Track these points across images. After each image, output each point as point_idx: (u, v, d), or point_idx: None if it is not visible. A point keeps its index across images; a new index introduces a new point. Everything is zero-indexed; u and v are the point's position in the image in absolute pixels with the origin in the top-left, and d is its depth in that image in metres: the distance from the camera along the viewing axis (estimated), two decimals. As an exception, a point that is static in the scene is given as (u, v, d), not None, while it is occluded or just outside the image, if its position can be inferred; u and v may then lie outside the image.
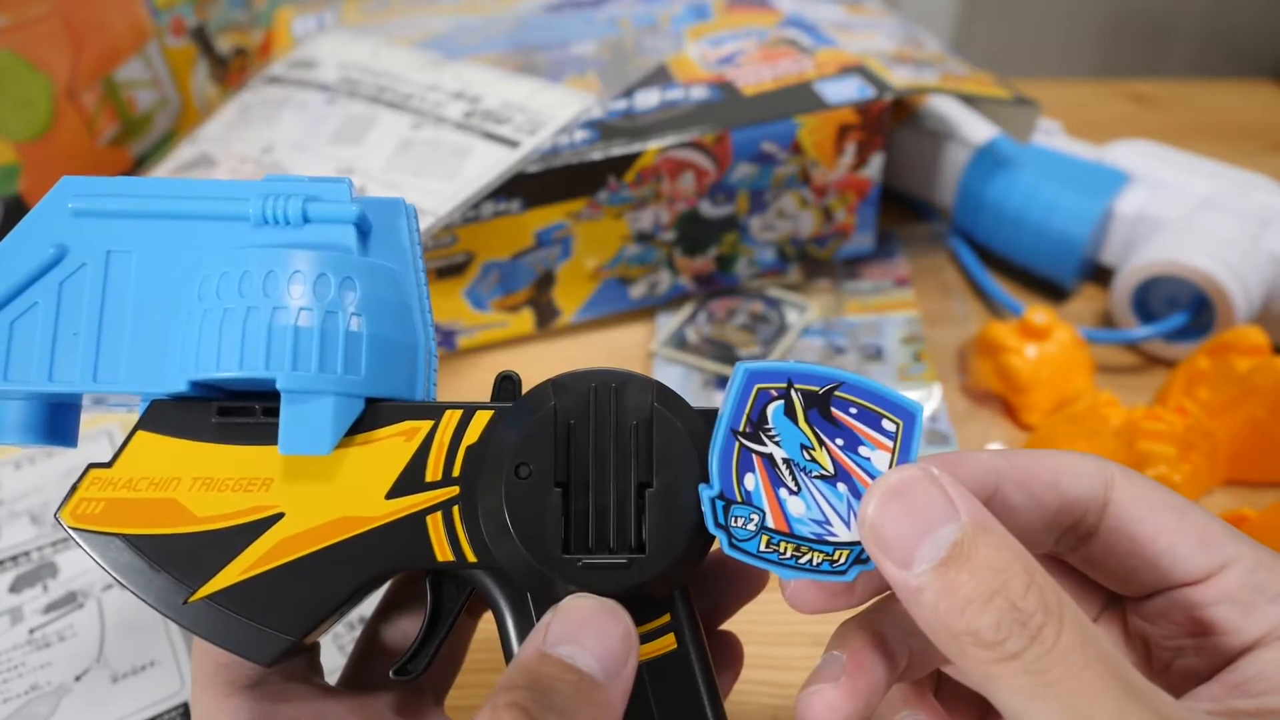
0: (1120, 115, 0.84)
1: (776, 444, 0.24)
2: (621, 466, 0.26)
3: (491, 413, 0.26)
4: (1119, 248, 0.60)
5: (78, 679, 0.40)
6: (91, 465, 0.25)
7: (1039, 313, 0.52)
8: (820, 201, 0.59)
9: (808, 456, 0.24)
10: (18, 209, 0.59)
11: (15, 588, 0.44)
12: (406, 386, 0.27)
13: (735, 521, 0.24)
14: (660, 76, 0.58)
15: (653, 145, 0.53)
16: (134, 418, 0.26)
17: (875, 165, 0.58)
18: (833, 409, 0.24)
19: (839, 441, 0.24)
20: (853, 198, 0.60)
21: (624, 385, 0.26)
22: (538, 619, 0.24)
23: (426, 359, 0.28)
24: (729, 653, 0.31)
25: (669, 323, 0.60)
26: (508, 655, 0.26)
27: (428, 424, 0.26)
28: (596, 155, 0.53)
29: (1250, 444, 0.48)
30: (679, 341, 0.58)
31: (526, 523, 0.25)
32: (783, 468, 0.24)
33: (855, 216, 0.61)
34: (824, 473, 0.24)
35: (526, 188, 0.53)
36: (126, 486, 0.25)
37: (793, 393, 0.24)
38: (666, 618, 0.26)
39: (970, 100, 0.64)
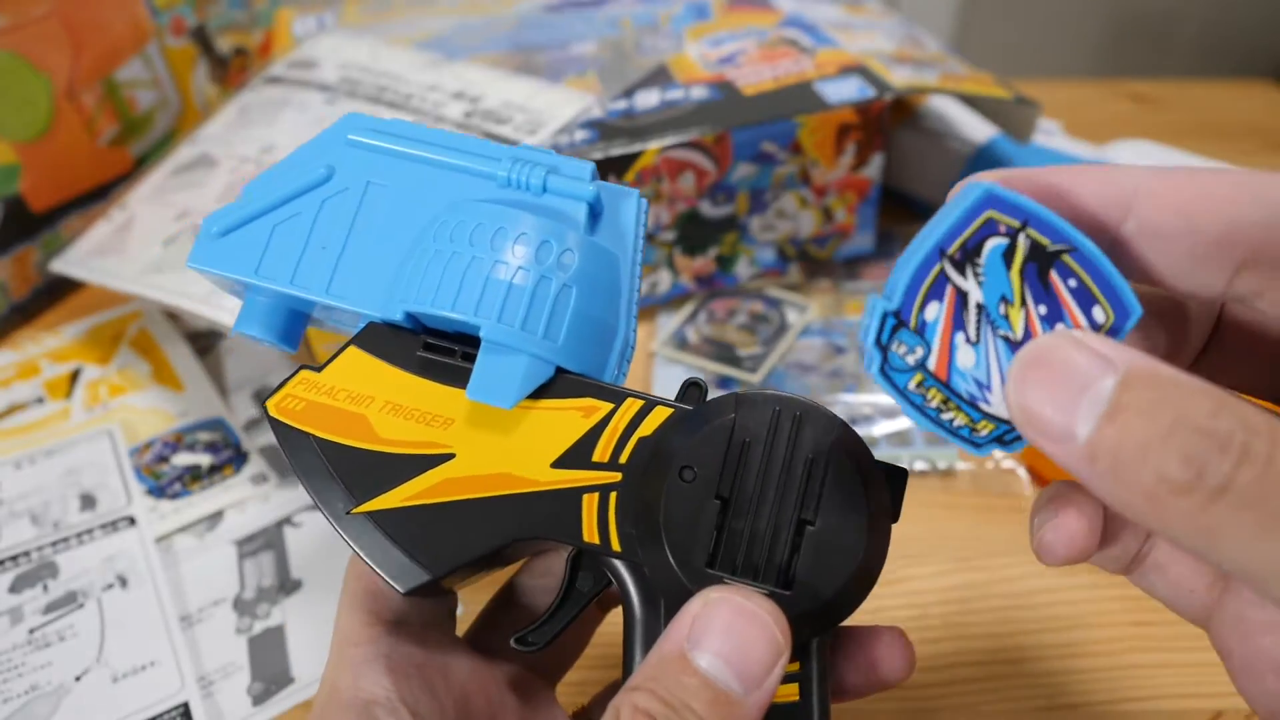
0: (1120, 115, 0.84)
1: (979, 284, 0.21)
2: (787, 497, 0.25)
3: (671, 410, 0.26)
4: (1119, 248, 0.60)
5: (78, 679, 0.40)
6: (303, 366, 0.27)
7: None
8: (820, 201, 0.59)
9: (1002, 311, 0.21)
10: (18, 209, 0.59)
11: (15, 588, 0.44)
12: (597, 367, 0.27)
13: (898, 347, 0.21)
14: (660, 76, 0.58)
15: (653, 145, 0.53)
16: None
17: (875, 165, 0.58)
18: (1052, 272, 0.21)
19: (1041, 309, 0.21)
20: (853, 198, 0.60)
21: (806, 416, 0.25)
22: (667, 625, 0.24)
23: (622, 348, 0.28)
24: None
25: (669, 323, 0.60)
26: (628, 652, 0.26)
27: (608, 406, 0.26)
28: (596, 155, 0.53)
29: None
30: (679, 341, 0.58)
31: (679, 526, 0.25)
32: (972, 312, 0.21)
33: (855, 216, 0.61)
34: (1010, 335, 0.21)
35: (526, 188, 0.53)
36: (328, 393, 0.27)
37: (1022, 237, 0.20)
38: (795, 666, 0.25)
39: (970, 100, 0.64)
